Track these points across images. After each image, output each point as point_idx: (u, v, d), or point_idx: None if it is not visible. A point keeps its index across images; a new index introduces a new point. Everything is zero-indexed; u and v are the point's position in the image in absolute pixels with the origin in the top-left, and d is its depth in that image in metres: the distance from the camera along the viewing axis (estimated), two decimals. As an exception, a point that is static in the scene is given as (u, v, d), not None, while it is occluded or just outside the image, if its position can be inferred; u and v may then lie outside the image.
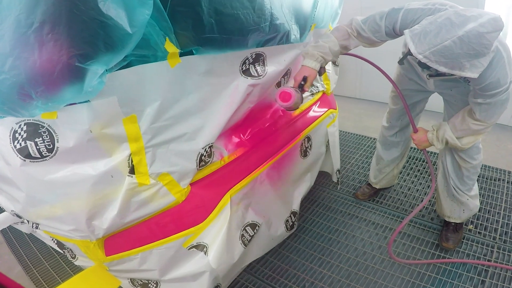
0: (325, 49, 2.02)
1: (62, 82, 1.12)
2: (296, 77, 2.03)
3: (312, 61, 2.02)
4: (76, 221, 1.59)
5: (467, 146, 2.09)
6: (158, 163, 1.60)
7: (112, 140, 1.44)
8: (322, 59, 2.03)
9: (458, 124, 2.03)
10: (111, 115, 1.37)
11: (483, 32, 1.48)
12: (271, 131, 2.34)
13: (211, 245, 1.92)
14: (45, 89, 1.13)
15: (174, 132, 1.62)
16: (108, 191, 1.53)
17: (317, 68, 2.03)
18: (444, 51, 1.55)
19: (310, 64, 2.02)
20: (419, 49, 1.60)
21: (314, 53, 2.01)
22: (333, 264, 2.56)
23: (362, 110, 4.88)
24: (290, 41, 2.03)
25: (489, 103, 1.81)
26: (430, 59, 1.59)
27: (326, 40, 2.04)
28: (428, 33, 1.58)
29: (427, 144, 2.20)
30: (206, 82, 1.68)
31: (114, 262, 1.84)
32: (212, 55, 1.63)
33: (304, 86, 2.02)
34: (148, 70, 1.41)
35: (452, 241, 2.59)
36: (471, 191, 2.45)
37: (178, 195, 1.74)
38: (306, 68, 2.03)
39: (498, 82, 1.72)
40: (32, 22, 1.06)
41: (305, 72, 2.02)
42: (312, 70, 2.02)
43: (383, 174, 3.00)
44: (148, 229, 1.76)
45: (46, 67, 1.09)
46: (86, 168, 1.45)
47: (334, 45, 2.04)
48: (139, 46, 1.28)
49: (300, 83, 2.02)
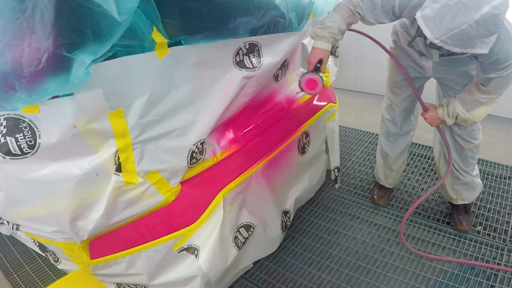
0: (334, 29, 2.07)
1: (48, 72, 1.14)
2: (311, 60, 2.11)
3: (323, 42, 2.08)
4: (59, 222, 1.60)
5: (479, 119, 2.22)
6: (147, 161, 1.61)
7: (97, 136, 1.45)
8: (333, 39, 2.10)
9: (467, 98, 2.17)
10: (97, 109, 1.38)
11: (497, 13, 1.56)
12: (267, 126, 2.35)
13: (203, 248, 1.93)
14: (30, 80, 1.14)
15: (164, 128, 1.63)
16: (93, 190, 1.54)
17: (329, 49, 2.11)
18: (461, 34, 1.61)
19: (321, 46, 2.09)
20: (436, 34, 1.67)
21: (325, 34, 2.07)
22: (333, 268, 2.58)
23: (364, 104, 4.89)
24: (287, 30, 2.04)
25: (502, 76, 1.93)
26: (447, 43, 1.66)
27: (332, 20, 2.09)
28: (443, 17, 1.63)
29: (439, 121, 2.32)
30: (197, 74, 1.69)
31: (100, 266, 1.85)
32: (202, 45, 1.64)
33: (320, 68, 2.11)
34: (135, 61, 1.42)
35: (466, 223, 2.74)
36: (473, 171, 2.62)
37: (167, 194, 1.75)
38: (318, 50, 2.10)
39: (508, 54, 1.84)
40: (25, 8, 1.07)
41: (319, 54, 2.09)
42: (324, 51, 2.10)
43: (394, 171, 3.02)
44: (135, 230, 1.78)
45: (32, 56, 1.10)
46: (70, 165, 1.46)
47: (341, 24, 2.09)
48: (125, 36, 1.29)
49: (316, 65, 2.10)
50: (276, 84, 2.36)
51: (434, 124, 2.37)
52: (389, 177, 3.06)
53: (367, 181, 3.38)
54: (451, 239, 2.70)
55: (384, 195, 3.12)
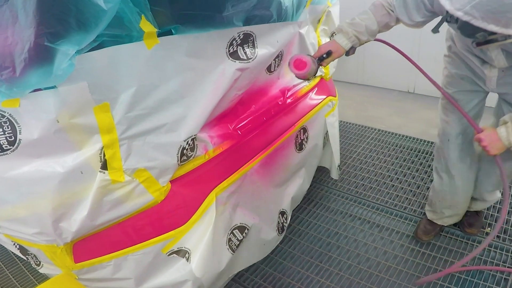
0: (361, 28, 2.02)
1: (30, 64, 1.14)
2: (321, 48, 2.07)
3: (344, 38, 2.03)
4: (41, 223, 1.60)
5: None
6: (134, 158, 1.61)
7: (81, 132, 1.45)
8: (356, 39, 2.04)
9: None
10: (81, 103, 1.38)
11: None
12: (262, 121, 2.36)
13: (194, 251, 1.94)
14: (12, 71, 1.15)
15: (152, 123, 1.63)
16: (77, 189, 1.54)
17: (347, 48, 2.06)
18: (490, 2, 1.37)
19: (340, 41, 2.04)
20: (456, 4, 1.45)
21: (348, 31, 2.02)
22: (332, 272, 2.59)
23: (365, 97, 4.92)
24: (283, 19, 2.05)
25: None
26: (474, 15, 1.42)
27: (362, 18, 2.04)
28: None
29: (500, 145, 1.86)
30: (188, 66, 1.69)
31: (84, 270, 1.85)
32: (194, 35, 1.65)
33: (324, 60, 2.07)
34: (122, 52, 1.42)
35: (475, 226, 2.71)
36: (497, 193, 2.55)
37: (156, 193, 1.76)
38: (335, 43, 2.05)
39: None
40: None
41: (332, 46, 2.05)
42: (340, 47, 2.05)
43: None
44: (122, 232, 1.78)
45: (14, 46, 1.11)
46: (53, 163, 1.46)
47: (371, 23, 2.03)
48: (111, 25, 1.29)
49: (322, 55, 2.06)
50: (270, 75, 2.36)
51: (493, 150, 1.87)
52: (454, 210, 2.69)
53: (369, 180, 3.40)
54: (458, 242, 2.72)
55: (432, 230, 2.80)
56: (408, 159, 3.67)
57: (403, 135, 4.05)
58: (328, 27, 2.82)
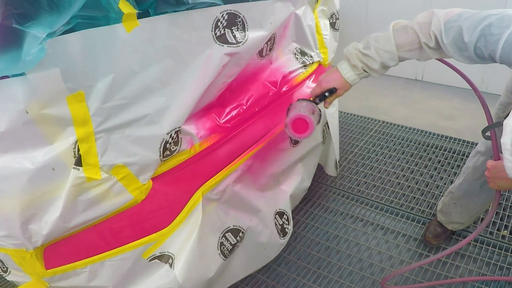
0: (375, 65, 1.78)
1: (-5, 48, 1.14)
2: (322, 84, 1.94)
3: (352, 73, 1.86)
4: (8, 225, 1.59)
5: None
6: (112, 153, 1.61)
7: (53, 124, 1.44)
8: (365, 74, 1.86)
9: None
10: (53, 92, 1.38)
11: None
12: (253, 112, 2.37)
13: (179, 256, 1.95)
14: None
15: (132, 114, 1.63)
16: (48, 187, 1.54)
17: (353, 83, 1.91)
18: None
19: (347, 76, 1.88)
20: None
21: (358, 64, 1.82)
22: (332, 279, 2.61)
23: (368, 86, 4.92)
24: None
25: None
26: None
27: (381, 48, 1.75)
28: None
29: (508, 184, 1.67)
30: (171, 51, 1.69)
31: (56, 277, 1.85)
32: (176, 17, 1.64)
33: (327, 99, 1.95)
34: (99, 35, 1.42)
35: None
36: None
37: (136, 192, 1.76)
38: (339, 76, 1.89)
39: None
40: None
41: (336, 83, 1.90)
42: (346, 83, 1.90)
43: None
44: (99, 235, 1.79)
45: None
46: (21, 158, 1.46)
47: (390, 59, 1.77)
48: (87, 5, 1.28)
49: (324, 93, 1.94)
50: (261, 60, 2.36)
51: (493, 184, 1.73)
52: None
53: (372, 177, 3.42)
54: (472, 246, 2.75)
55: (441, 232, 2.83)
56: (415, 154, 3.69)
57: (410, 128, 4.07)
58: (327, 7, 2.81)
